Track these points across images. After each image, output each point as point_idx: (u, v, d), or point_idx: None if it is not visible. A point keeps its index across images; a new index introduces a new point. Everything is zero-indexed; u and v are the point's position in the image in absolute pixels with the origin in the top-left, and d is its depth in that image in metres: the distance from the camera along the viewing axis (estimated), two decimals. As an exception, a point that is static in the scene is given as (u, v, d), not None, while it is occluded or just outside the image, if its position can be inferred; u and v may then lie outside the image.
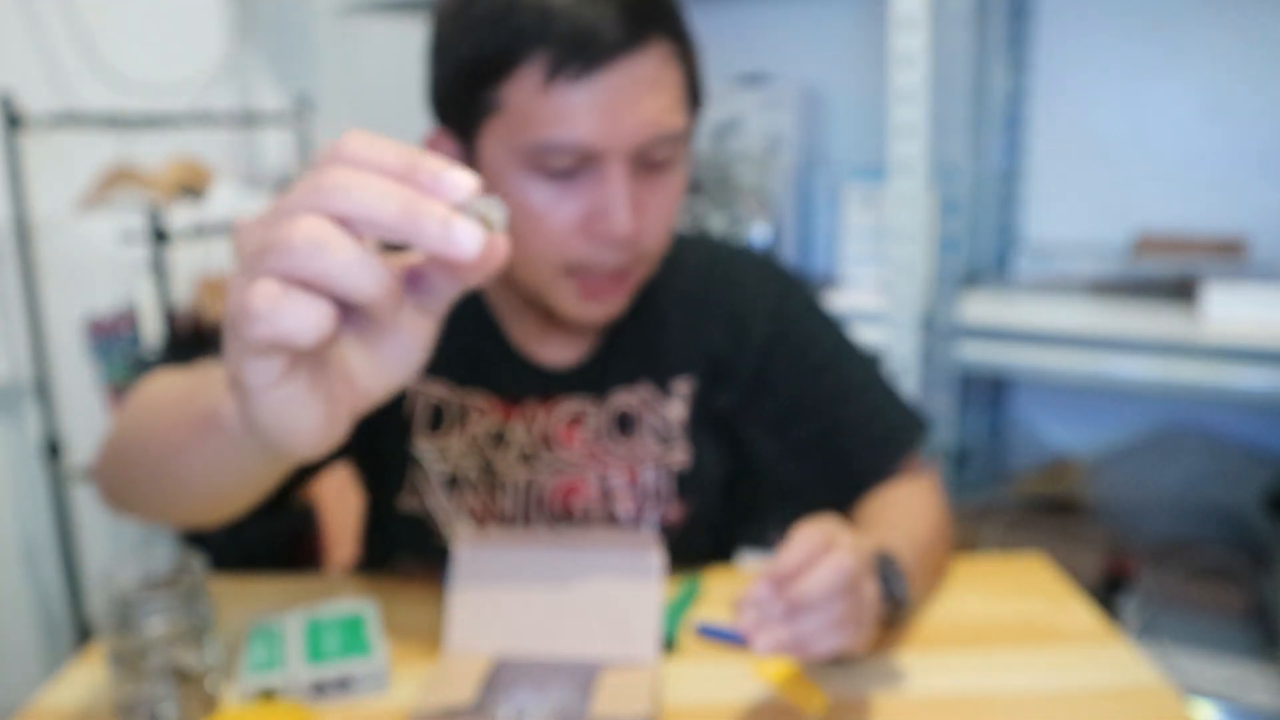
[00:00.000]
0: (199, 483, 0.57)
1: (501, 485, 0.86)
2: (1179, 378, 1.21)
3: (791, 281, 0.92)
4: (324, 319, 0.38)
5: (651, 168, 0.73)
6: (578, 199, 0.71)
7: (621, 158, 0.70)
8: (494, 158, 0.73)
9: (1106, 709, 0.69)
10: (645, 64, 0.69)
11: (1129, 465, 1.52)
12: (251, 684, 0.69)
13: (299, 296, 0.37)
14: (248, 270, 0.38)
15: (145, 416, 0.62)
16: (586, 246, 0.73)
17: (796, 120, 1.64)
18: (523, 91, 0.69)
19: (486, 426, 0.85)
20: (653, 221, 0.74)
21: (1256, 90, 1.48)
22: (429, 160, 0.38)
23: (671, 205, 0.76)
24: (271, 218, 0.39)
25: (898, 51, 1.25)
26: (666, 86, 0.71)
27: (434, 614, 0.82)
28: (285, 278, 0.37)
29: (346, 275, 0.37)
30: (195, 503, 0.61)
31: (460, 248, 0.37)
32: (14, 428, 1.86)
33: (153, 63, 1.94)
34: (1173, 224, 1.56)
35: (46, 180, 1.71)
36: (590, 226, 0.72)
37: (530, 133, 0.69)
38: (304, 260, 0.37)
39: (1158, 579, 1.39)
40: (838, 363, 0.90)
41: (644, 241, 0.75)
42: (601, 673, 0.66)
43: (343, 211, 0.37)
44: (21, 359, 1.81)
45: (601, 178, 0.71)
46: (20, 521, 1.88)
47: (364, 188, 0.37)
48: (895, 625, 0.77)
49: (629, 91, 0.69)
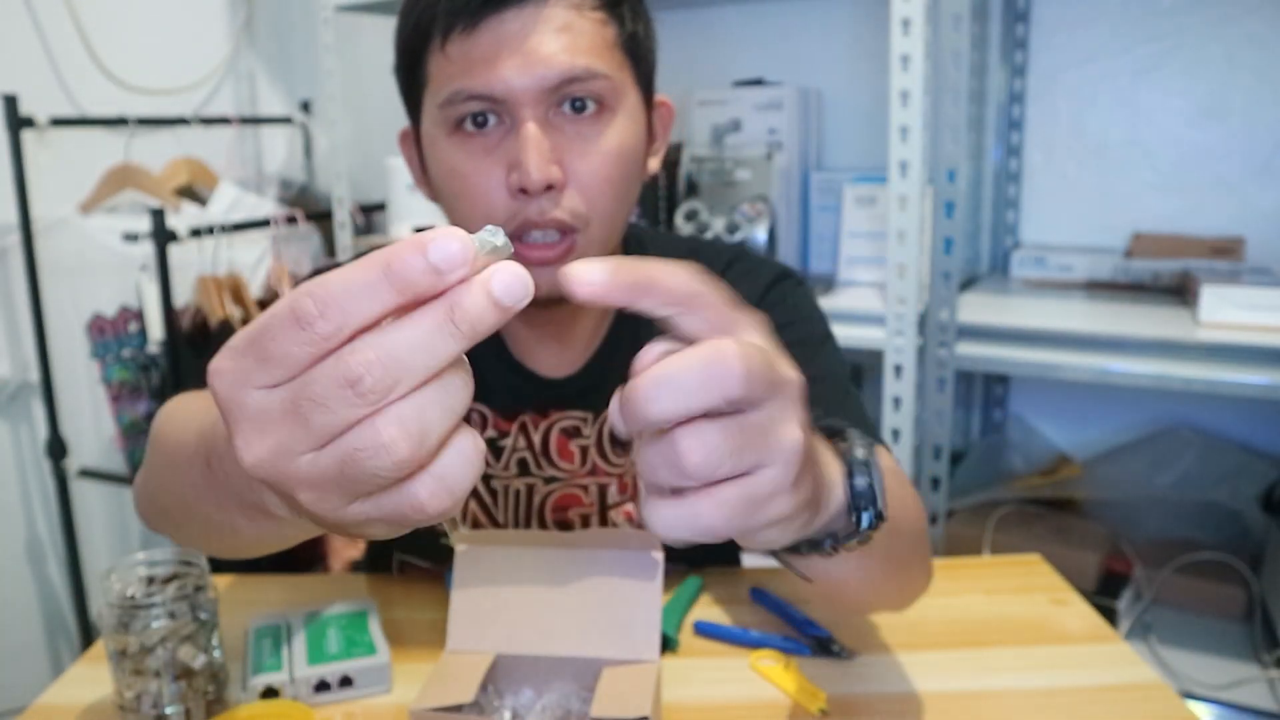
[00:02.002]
0: (240, 543, 0.55)
1: (499, 494, 0.86)
2: (1176, 377, 1.21)
3: (789, 284, 0.90)
4: (479, 457, 0.35)
5: (577, 122, 0.71)
6: (499, 156, 0.71)
7: (531, 104, 0.70)
8: (427, 133, 0.75)
9: (1104, 708, 0.70)
10: (545, 13, 0.69)
11: (1126, 465, 1.53)
12: (254, 683, 0.70)
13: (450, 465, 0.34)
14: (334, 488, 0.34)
15: (168, 472, 0.58)
16: (512, 204, 0.71)
17: (796, 122, 1.65)
18: (434, 59, 0.72)
19: (486, 437, 0.86)
20: (582, 175, 0.71)
21: (1252, 92, 1.49)
22: (401, 251, 0.32)
23: (606, 161, 0.72)
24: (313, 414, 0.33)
25: (896, 54, 1.25)
26: (576, 34, 0.70)
27: (435, 613, 0.83)
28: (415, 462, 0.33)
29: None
30: (239, 548, 0.59)
31: (519, 305, 0.33)
32: (18, 427, 1.87)
33: (156, 66, 1.94)
34: (1169, 225, 1.56)
35: (51, 181, 1.72)
36: (510, 183, 0.70)
37: (441, 92, 0.71)
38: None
39: (1154, 578, 1.40)
40: (818, 373, 0.84)
41: (573, 198, 0.71)
42: (602, 672, 0.66)
43: (408, 389, 0.33)
44: (26, 358, 1.81)
45: (517, 132, 0.70)
46: (24, 520, 1.89)
47: (407, 350, 0.32)
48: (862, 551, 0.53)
49: (523, 38, 0.69)
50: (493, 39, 0.69)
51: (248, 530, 0.48)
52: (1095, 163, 1.62)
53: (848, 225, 1.58)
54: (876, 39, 1.63)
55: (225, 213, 1.79)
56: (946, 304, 1.33)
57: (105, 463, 1.83)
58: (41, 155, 1.71)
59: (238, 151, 2.09)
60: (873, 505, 0.50)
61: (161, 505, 0.63)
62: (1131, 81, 1.57)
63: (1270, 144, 1.49)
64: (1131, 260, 1.53)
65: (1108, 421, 1.62)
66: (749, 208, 1.54)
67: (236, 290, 1.72)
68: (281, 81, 2.22)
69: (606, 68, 0.71)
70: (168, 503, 0.61)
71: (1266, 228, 1.49)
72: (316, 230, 1.96)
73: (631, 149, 0.75)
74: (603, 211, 0.73)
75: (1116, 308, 1.42)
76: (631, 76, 0.75)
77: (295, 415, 0.33)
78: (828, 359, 0.84)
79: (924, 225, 1.31)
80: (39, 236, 1.67)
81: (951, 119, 1.29)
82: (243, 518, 0.46)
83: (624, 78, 0.74)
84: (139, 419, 1.76)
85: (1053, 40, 1.61)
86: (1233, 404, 1.50)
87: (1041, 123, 1.65)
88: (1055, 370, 1.28)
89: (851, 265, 1.57)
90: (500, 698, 0.68)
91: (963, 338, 1.34)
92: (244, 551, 0.59)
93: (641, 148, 0.77)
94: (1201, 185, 1.54)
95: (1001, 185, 1.69)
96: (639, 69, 0.76)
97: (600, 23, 0.72)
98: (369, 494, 0.35)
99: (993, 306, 1.44)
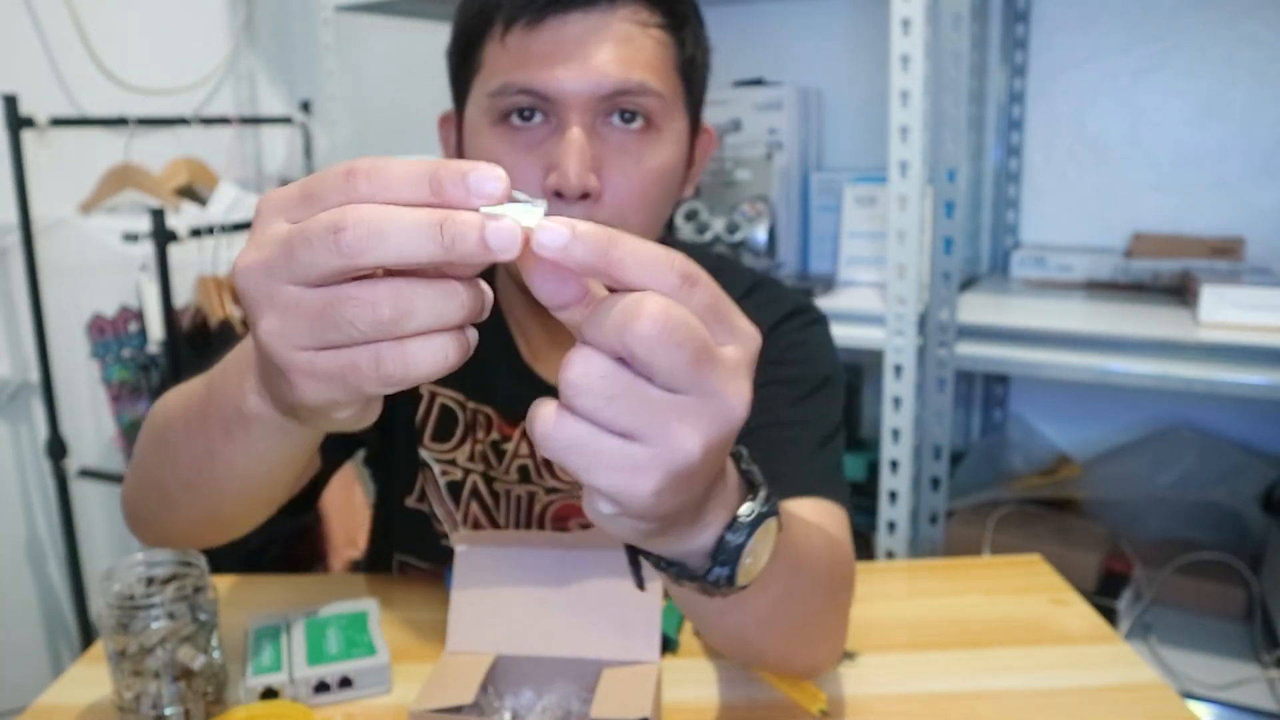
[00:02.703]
0: (233, 484, 0.57)
1: (501, 498, 0.86)
2: (1176, 377, 1.21)
3: (802, 319, 0.87)
4: (453, 351, 0.37)
5: (622, 134, 0.71)
6: (540, 155, 0.71)
7: (580, 109, 0.69)
8: (470, 119, 0.75)
9: (1104, 708, 0.70)
10: (609, 21, 0.69)
11: (1126, 465, 1.53)
12: (253, 683, 0.70)
13: (420, 343, 0.37)
14: (324, 324, 0.37)
15: (167, 435, 0.61)
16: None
17: (796, 122, 1.64)
18: (491, 48, 0.72)
19: (490, 440, 0.86)
20: (619, 188, 0.71)
21: (1252, 92, 1.49)
22: (451, 165, 0.36)
23: (644, 178, 0.72)
24: (294, 250, 0.37)
25: (896, 54, 1.25)
26: (636, 48, 0.70)
27: (435, 614, 0.83)
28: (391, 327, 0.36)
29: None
30: (229, 507, 0.62)
31: (500, 253, 0.35)
32: (18, 427, 1.87)
33: (156, 66, 1.94)
34: (1169, 225, 1.56)
35: (51, 181, 1.72)
36: (547, 184, 0.70)
37: (492, 82, 0.71)
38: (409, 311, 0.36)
39: (1154, 578, 1.40)
40: (793, 418, 0.80)
41: (607, 209, 0.71)
42: (602, 673, 0.66)
43: (376, 261, 0.35)
44: (26, 358, 1.81)
45: (562, 134, 0.70)
46: (24, 520, 1.89)
47: (395, 228, 0.35)
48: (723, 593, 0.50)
49: (583, 42, 0.69)
50: (553, 38, 0.69)
51: (226, 452, 0.53)
52: (1095, 163, 1.62)
53: (848, 225, 1.57)
54: (876, 39, 1.63)
55: (225, 213, 1.79)
56: (946, 304, 1.33)
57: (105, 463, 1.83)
58: (41, 155, 1.71)
59: (238, 151, 2.09)
60: (730, 565, 0.48)
61: (148, 481, 0.64)
62: (1131, 81, 1.56)
63: (1270, 144, 1.49)
64: (1131, 260, 1.53)
65: (1108, 421, 1.62)
66: (749, 208, 1.54)
67: (236, 290, 1.72)
68: (281, 81, 2.22)
69: (660, 85, 0.71)
70: (155, 476, 0.63)
71: (1266, 228, 1.49)
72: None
73: (671, 170, 0.75)
74: (634, 228, 0.72)
75: (1116, 308, 1.42)
76: (683, 100, 0.75)
77: (286, 242, 0.37)
78: (813, 406, 0.81)
79: (924, 225, 1.31)
80: (39, 236, 1.67)
81: (951, 119, 1.29)
82: (223, 437, 0.52)
83: (675, 99, 0.74)
84: (139, 419, 1.76)
85: (1053, 40, 1.61)
86: (1233, 404, 1.50)
87: (1041, 123, 1.65)
88: (1055, 370, 1.28)
89: (851, 265, 1.57)
90: (500, 698, 0.68)
91: (963, 338, 1.34)
92: (227, 506, 0.61)
93: (680, 171, 0.77)
94: (1201, 185, 1.54)
95: (1001, 185, 1.69)
96: (690, 94, 0.77)
97: (661, 42, 0.72)
98: (337, 344, 0.37)
99: (993, 306, 1.44)
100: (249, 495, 0.61)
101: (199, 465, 0.57)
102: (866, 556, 1.38)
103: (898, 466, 1.35)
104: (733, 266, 0.93)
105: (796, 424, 0.79)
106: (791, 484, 0.71)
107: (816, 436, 0.79)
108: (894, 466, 1.35)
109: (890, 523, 1.36)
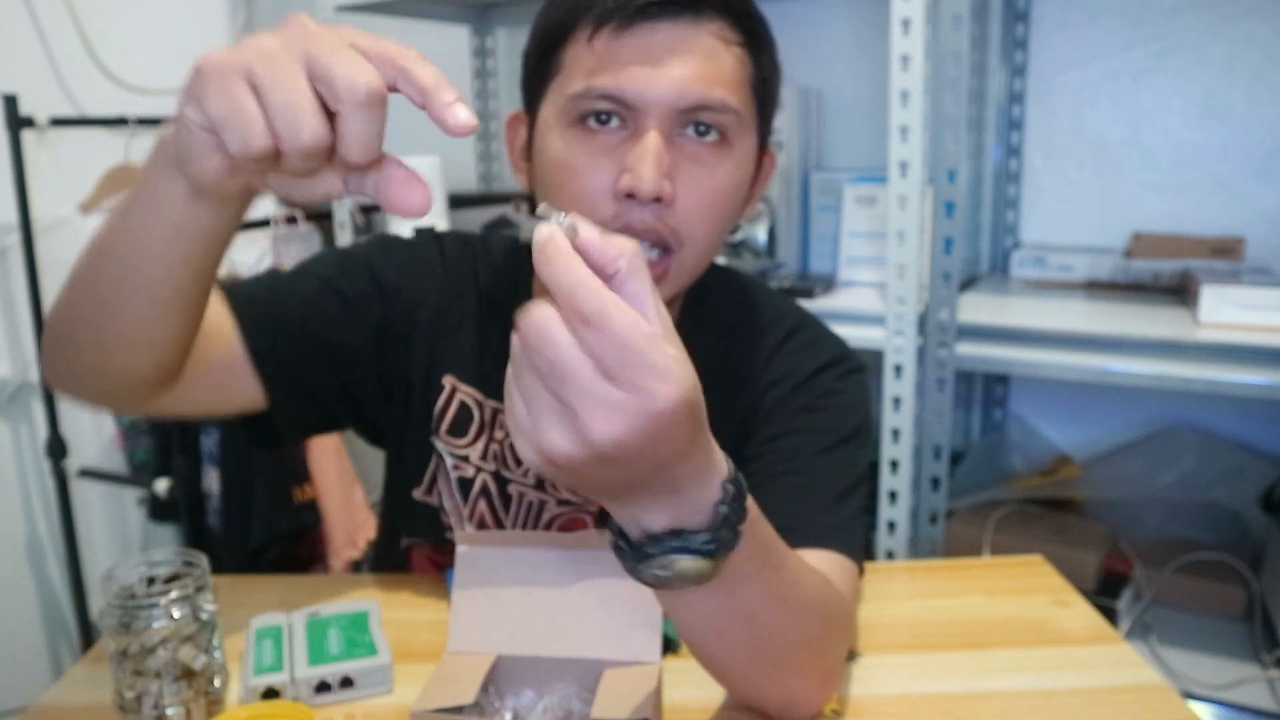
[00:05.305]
0: (153, 288, 0.61)
1: (512, 500, 0.86)
2: (1176, 377, 1.21)
3: (838, 370, 0.85)
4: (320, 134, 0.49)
5: (696, 146, 0.72)
6: (614, 158, 0.71)
7: (659, 117, 0.70)
8: (544, 120, 0.75)
9: (1105, 709, 0.70)
10: (695, 35, 0.70)
11: (1126, 465, 1.53)
12: (255, 683, 0.70)
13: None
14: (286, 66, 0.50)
15: (84, 259, 0.63)
16: (616, 206, 0.71)
17: (796, 122, 1.65)
18: (575, 50, 0.72)
19: (505, 441, 0.86)
20: (689, 197, 0.72)
21: (1252, 92, 1.49)
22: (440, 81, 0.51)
23: (714, 191, 0.73)
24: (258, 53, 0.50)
25: (896, 54, 1.25)
26: (719, 64, 0.71)
27: (436, 613, 0.83)
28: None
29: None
30: (148, 325, 0.64)
31: (429, 108, 0.47)
32: (18, 427, 1.87)
33: (156, 66, 1.94)
34: (1169, 225, 1.56)
35: (51, 182, 1.72)
36: (620, 185, 0.70)
37: (573, 84, 0.71)
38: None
39: (1154, 578, 1.40)
40: (826, 468, 0.80)
41: (676, 216, 0.71)
42: (603, 673, 0.66)
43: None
44: (26, 358, 1.81)
45: (638, 139, 0.70)
46: (24, 520, 1.89)
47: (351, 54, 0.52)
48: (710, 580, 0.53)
49: (670, 52, 0.70)
50: (640, 45, 0.70)
51: (138, 232, 0.59)
52: (1095, 163, 1.62)
53: (848, 225, 1.58)
54: (876, 39, 1.63)
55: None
56: (946, 304, 1.33)
57: (105, 463, 1.84)
58: (41, 155, 1.71)
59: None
60: (639, 564, 0.52)
61: (79, 305, 0.65)
62: (1131, 81, 1.57)
63: (1270, 144, 1.49)
64: (1131, 260, 1.53)
65: (1108, 421, 1.62)
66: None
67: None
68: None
69: (738, 104, 0.72)
70: (71, 295, 0.65)
71: (1266, 228, 1.49)
72: (316, 230, 1.95)
73: (738, 186, 0.75)
74: (700, 239, 0.74)
75: (1116, 308, 1.42)
76: (755, 119, 0.76)
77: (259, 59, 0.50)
78: (839, 457, 0.80)
79: (924, 225, 1.31)
80: (39, 236, 1.67)
81: (951, 119, 1.29)
82: (138, 225, 0.59)
83: (749, 117, 0.75)
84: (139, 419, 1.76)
85: (1053, 40, 1.61)
86: (1233, 404, 1.50)
87: (1041, 123, 1.65)
88: (1055, 370, 1.28)
89: (851, 265, 1.57)
90: (501, 699, 0.68)
91: (963, 338, 1.34)
92: (130, 309, 0.63)
93: (745, 189, 0.77)
94: (1201, 185, 1.54)
95: (1001, 185, 1.69)
96: (762, 114, 0.77)
97: (741, 60, 0.73)
98: (267, 88, 0.48)
99: (993, 306, 1.44)
100: (165, 306, 0.63)
101: (118, 272, 0.61)
102: (867, 557, 1.37)
103: (898, 466, 1.35)
104: (779, 307, 0.90)
105: (820, 473, 0.79)
106: (806, 534, 0.71)
107: (838, 488, 0.78)
108: (894, 466, 1.35)
109: (890, 523, 1.36)
